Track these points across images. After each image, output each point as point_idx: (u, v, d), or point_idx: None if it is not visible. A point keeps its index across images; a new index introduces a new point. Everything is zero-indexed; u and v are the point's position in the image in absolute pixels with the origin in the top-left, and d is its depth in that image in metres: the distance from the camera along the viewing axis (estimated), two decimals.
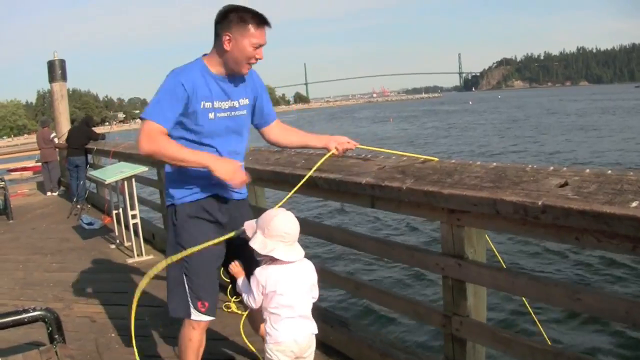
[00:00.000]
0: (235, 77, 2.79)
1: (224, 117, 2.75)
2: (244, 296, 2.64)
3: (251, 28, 2.62)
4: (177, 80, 2.65)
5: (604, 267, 8.71)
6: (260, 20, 2.65)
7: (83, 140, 11.59)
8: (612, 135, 31.96)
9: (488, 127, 44.93)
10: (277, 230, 2.43)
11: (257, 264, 2.62)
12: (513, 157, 24.43)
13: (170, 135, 2.66)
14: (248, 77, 2.86)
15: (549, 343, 2.86)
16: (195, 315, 2.79)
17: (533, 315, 3.25)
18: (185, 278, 2.78)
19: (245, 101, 2.85)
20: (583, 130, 36.26)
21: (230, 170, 2.66)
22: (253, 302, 2.55)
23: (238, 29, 2.62)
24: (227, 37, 2.64)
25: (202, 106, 2.68)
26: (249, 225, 2.58)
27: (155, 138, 2.60)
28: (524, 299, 2.75)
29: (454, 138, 37.82)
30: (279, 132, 3.14)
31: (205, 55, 2.77)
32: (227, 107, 2.76)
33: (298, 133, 3.21)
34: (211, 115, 2.70)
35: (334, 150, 3.06)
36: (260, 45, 2.66)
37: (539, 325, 3.34)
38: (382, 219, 12.59)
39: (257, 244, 2.46)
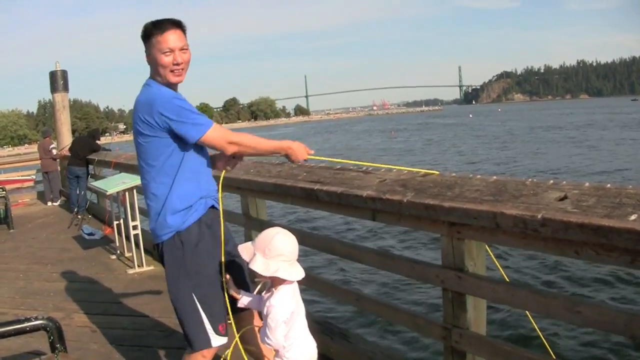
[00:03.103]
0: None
1: None
2: (268, 339, 2.44)
3: (156, 38, 2.62)
4: (175, 96, 2.66)
5: (603, 280, 8.72)
6: (162, 26, 2.63)
7: (86, 152, 11.63)
8: (608, 148, 32.02)
9: (488, 141, 44.94)
10: (278, 250, 2.37)
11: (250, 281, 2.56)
12: (513, 171, 24.45)
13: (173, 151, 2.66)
14: None
15: (552, 355, 2.87)
16: (215, 340, 2.69)
17: (536, 327, 3.26)
18: (200, 306, 2.67)
19: None
20: (580, 144, 36.31)
21: (305, 151, 2.76)
22: (276, 338, 2.40)
23: (149, 45, 2.66)
24: (146, 56, 2.69)
25: None
26: (244, 248, 2.49)
27: (230, 134, 2.67)
28: (527, 312, 2.75)
29: (454, 151, 37.84)
30: None
31: (149, 79, 2.75)
32: None
33: None
34: None
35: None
36: (171, 50, 2.62)
37: (542, 337, 3.35)
38: (383, 232, 12.59)
39: (259, 266, 2.37)
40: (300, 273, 2.42)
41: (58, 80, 13.45)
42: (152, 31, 2.63)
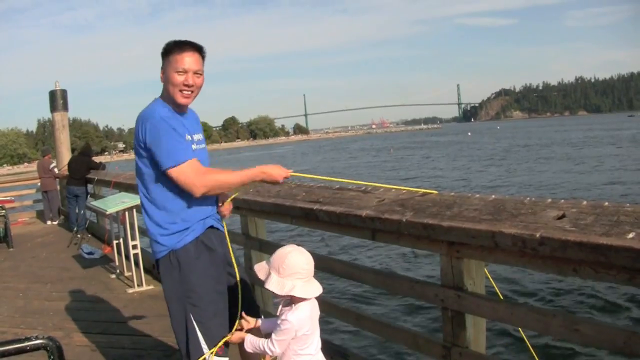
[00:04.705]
0: (189, 113, 2.86)
1: (199, 149, 2.77)
2: (263, 347, 2.45)
3: (173, 56, 2.67)
4: (164, 119, 2.63)
5: (601, 298, 8.71)
6: (182, 47, 2.68)
7: (83, 171, 11.63)
8: (604, 165, 32.04)
9: (487, 159, 44.93)
10: (292, 268, 2.35)
11: (253, 302, 2.56)
12: (511, 189, 24.43)
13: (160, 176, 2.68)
14: (196, 115, 2.95)
15: None
16: None
17: (529, 346, 3.26)
18: (197, 325, 2.66)
19: (201, 136, 2.89)
20: (577, 160, 36.34)
21: (282, 172, 2.78)
22: (279, 347, 2.40)
23: (166, 61, 2.70)
24: (161, 72, 2.72)
25: (186, 139, 2.69)
26: (260, 268, 2.46)
27: (204, 175, 2.62)
28: (520, 329, 2.75)
29: (452, 169, 37.85)
30: None
31: (158, 97, 2.79)
32: (197, 139, 2.80)
33: None
34: (194, 147, 2.73)
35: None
36: (185, 71, 2.66)
37: (535, 355, 3.35)
38: (383, 251, 12.55)
39: (274, 285, 2.35)
40: (317, 290, 2.41)
41: (58, 100, 13.48)
42: (172, 49, 2.68)
